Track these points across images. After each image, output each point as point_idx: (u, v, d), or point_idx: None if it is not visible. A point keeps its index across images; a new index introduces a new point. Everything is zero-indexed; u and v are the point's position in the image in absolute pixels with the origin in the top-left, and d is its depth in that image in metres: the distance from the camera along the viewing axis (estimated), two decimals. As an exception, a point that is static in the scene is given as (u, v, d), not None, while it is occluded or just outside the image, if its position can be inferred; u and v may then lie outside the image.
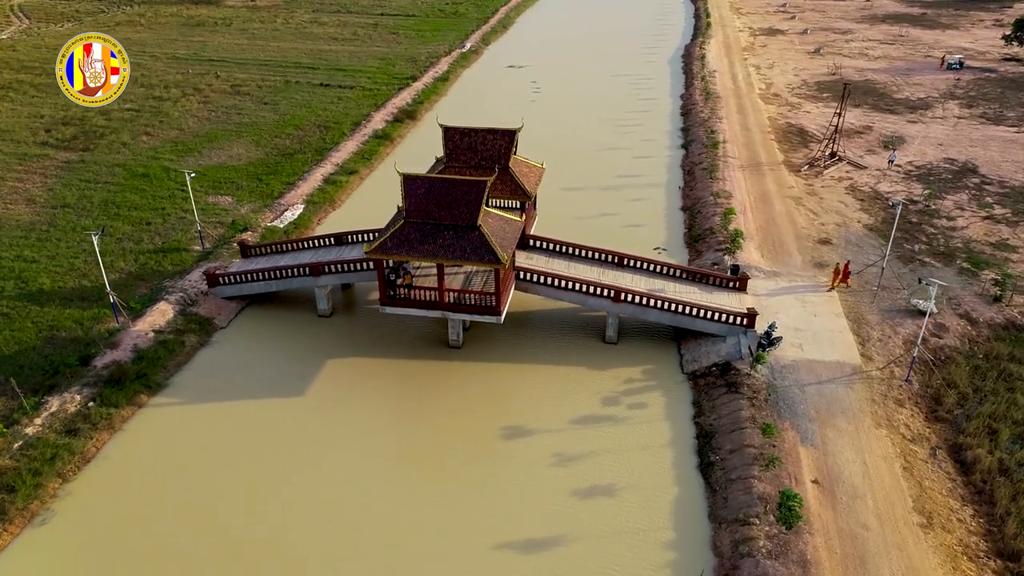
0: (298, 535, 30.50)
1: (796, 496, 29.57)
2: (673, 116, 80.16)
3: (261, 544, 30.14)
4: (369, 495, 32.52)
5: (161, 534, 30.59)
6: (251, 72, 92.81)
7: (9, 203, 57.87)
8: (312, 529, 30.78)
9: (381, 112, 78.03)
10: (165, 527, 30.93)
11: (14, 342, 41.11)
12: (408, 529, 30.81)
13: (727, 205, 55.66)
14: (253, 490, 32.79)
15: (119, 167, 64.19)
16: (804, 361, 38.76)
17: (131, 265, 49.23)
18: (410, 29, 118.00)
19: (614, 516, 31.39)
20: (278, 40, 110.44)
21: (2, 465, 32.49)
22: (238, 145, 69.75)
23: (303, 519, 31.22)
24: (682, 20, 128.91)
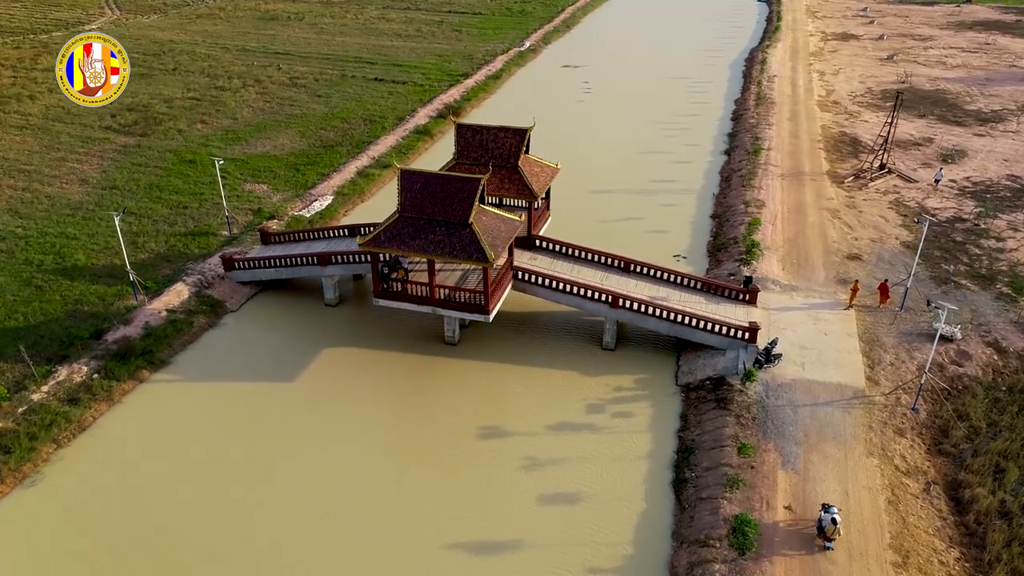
0: (272, 516, 31.20)
1: (751, 521, 28.26)
2: (723, 121, 77.91)
3: (239, 521, 30.98)
4: (336, 481, 32.97)
5: (143, 506, 31.78)
6: (311, 65, 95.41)
7: (65, 183, 61.36)
8: (285, 510, 31.42)
9: (426, 108, 78.88)
10: (148, 499, 32.12)
11: (40, 313, 43.58)
12: (366, 518, 31.09)
13: (756, 215, 53.66)
14: (237, 469, 33.76)
15: (170, 153, 67.09)
16: (803, 381, 36.99)
17: (161, 246, 51.40)
18: (473, 27, 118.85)
19: (575, 525, 30.79)
20: (344, 35, 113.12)
21: (3, 427, 34.52)
22: (284, 136, 71.83)
23: (279, 500, 31.95)
24: (753, 23, 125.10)
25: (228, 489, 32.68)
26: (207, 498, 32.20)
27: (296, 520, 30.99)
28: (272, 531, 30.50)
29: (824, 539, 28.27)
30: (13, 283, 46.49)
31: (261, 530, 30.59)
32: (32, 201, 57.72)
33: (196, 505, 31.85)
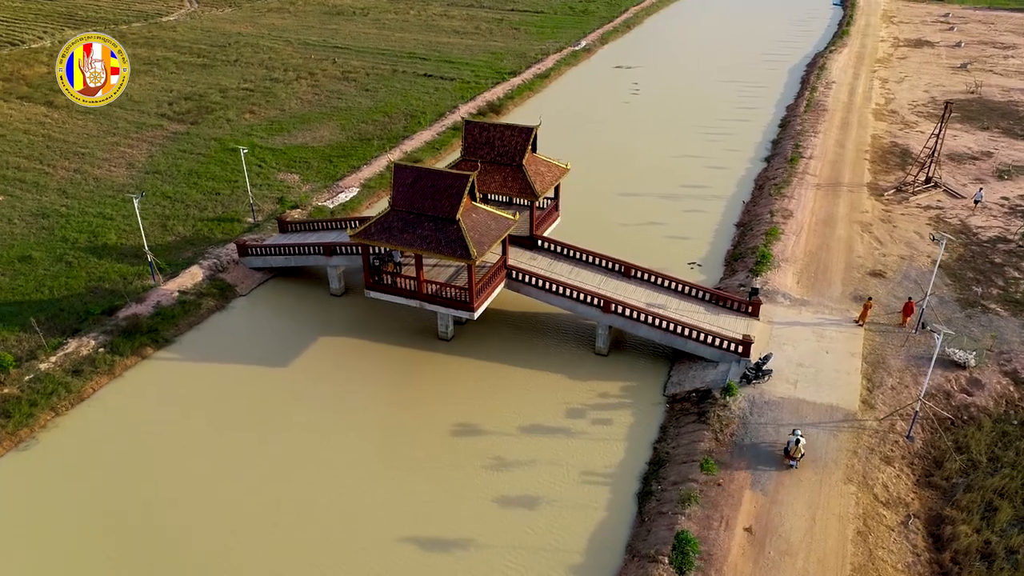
0: (241, 492, 32.08)
1: (692, 541, 27.24)
2: (770, 127, 75.41)
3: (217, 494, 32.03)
4: (304, 465, 33.57)
5: (129, 475, 33.18)
6: (365, 60, 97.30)
7: (113, 166, 64.54)
8: (253, 489, 32.23)
9: (468, 105, 79.28)
10: (134, 470, 33.49)
11: (65, 288, 45.99)
12: (324, 503, 31.53)
13: (778, 225, 51.74)
14: (221, 445, 34.91)
15: (215, 140, 69.63)
16: (792, 399, 35.47)
17: (188, 230, 53.44)
18: (533, 25, 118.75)
19: (530, 529, 30.46)
20: (404, 31, 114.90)
21: (8, 393, 36.60)
22: (325, 128, 73.53)
23: (250, 479, 32.83)
24: (823, 27, 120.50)
25: (210, 464, 33.78)
26: (190, 471, 33.34)
27: (259, 499, 31.72)
28: (240, 505, 31.31)
29: (788, 458, 31.56)
30: (47, 258, 49.21)
31: (233, 503, 31.44)
32: (80, 182, 60.95)
33: (180, 477, 32.99)
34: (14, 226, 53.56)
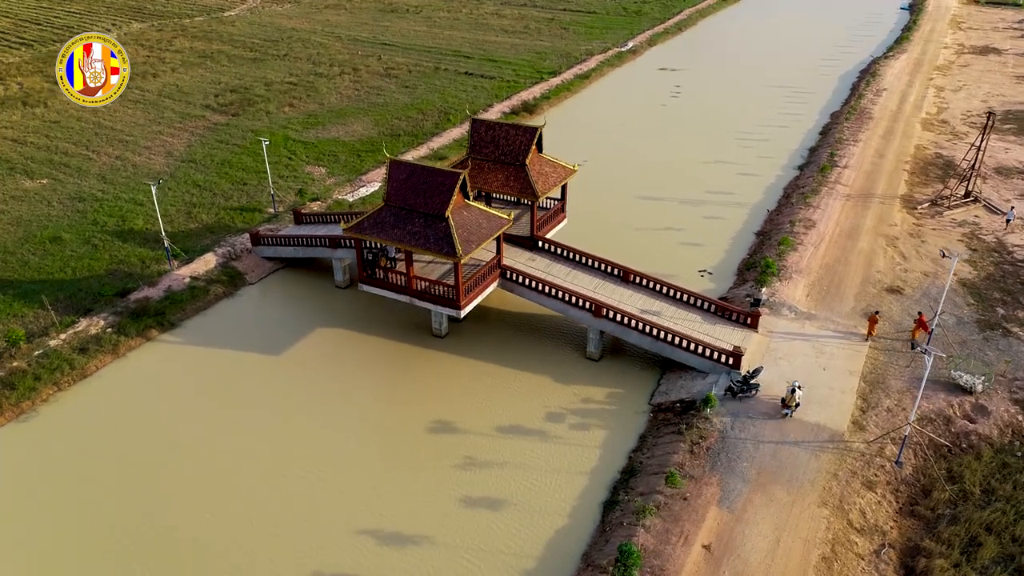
0: (225, 471, 32.96)
1: (634, 553, 26.52)
2: (810, 135, 72.99)
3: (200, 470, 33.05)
4: (278, 450, 34.18)
5: (120, 450, 34.45)
6: (410, 57, 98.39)
7: (152, 154, 67.02)
8: (232, 467, 33.07)
9: (502, 104, 79.32)
10: (126, 444, 34.77)
11: (87, 269, 48.03)
12: (287, 490, 32.02)
13: (795, 235, 50.04)
14: (209, 426, 35.99)
15: (251, 132, 71.52)
16: (778, 416, 34.19)
17: (211, 218, 55.08)
18: (583, 25, 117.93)
19: (489, 530, 30.27)
20: (454, 29, 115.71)
21: (16, 367, 38.42)
22: (360, 123, 74.70)
23: (233, 459, 33.73)
24: (885, 32, 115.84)
25: (195, 441, 34.93)
26: (179, 449, 34.47)
27: (234, 478, 32.47)
28: (219, 481, 32.13)
29: (784, 406, 34.11)
30: (76, 240, 51.47)
31: (214, 478, 32.30)
32: (120, 168, 63.51)
33: (168, 454, 34.16)
34: (52, 208, 56.18)
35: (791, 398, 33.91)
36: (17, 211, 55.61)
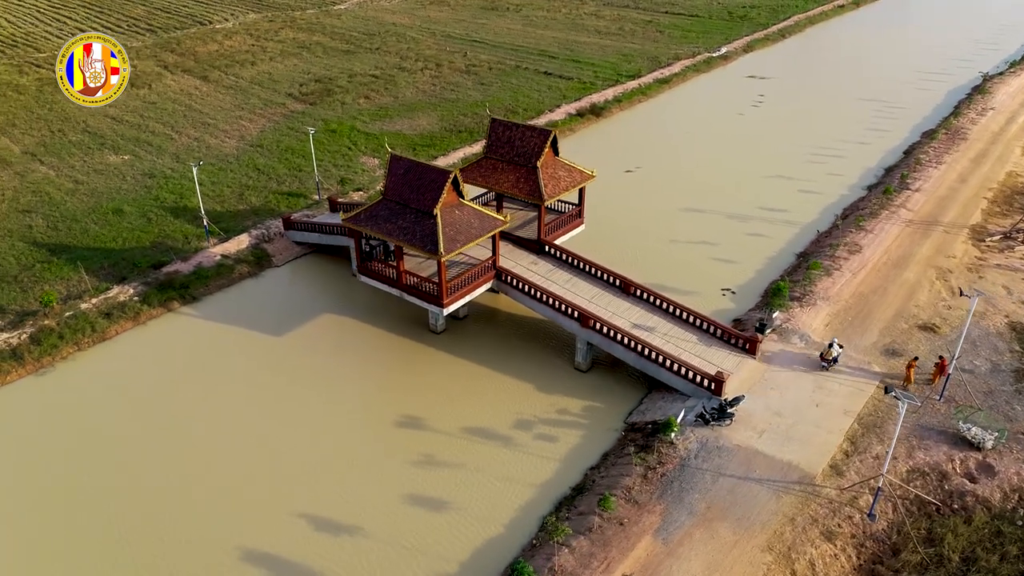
0: (199, 438, 34.82)
1: (528, 572, 25.54)
2: (892, 153, 67.75)
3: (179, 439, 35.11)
4: (247, 425, 35.56)
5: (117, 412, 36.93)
6: (495, 55, 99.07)
7: (228, 137, 71.04)
8: (208, 437, 34.84)
9: (570, 105, 78.45)
10: (123, 408, 37.22)
11: (135, 241, 51.61)
12: (244, 468, 33.27)
13: (833, 259, 46.68)
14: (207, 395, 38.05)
15: (321, 121, 74.36)
16: (748, 449, 32.14)
17: (260, 201, 57.81)
18: (680, 29, 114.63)
19: (423, 530, 30.25)
20: (548, 28, 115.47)
21: (46, 325, 41.87)
22: (426, 117, 76.04)
23: (213, 429, 35.57)
24: (1015, 46, 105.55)
25: (180, 410, 37.03)
26: (164, 414, 36.69)
27: (193, 449, 34.09)
28: (177, 448, 33.92)
29: (822, 359, 36.80)
30: (134, 213, 55.40)
31: (180, 445, 34.16)
32: (195, 149, 67.73)
33: (155, 417, 36.47)
34: (124, 183, 60.71)
35: (828, 352, 36.57)
36: (95, 183, 60.48)
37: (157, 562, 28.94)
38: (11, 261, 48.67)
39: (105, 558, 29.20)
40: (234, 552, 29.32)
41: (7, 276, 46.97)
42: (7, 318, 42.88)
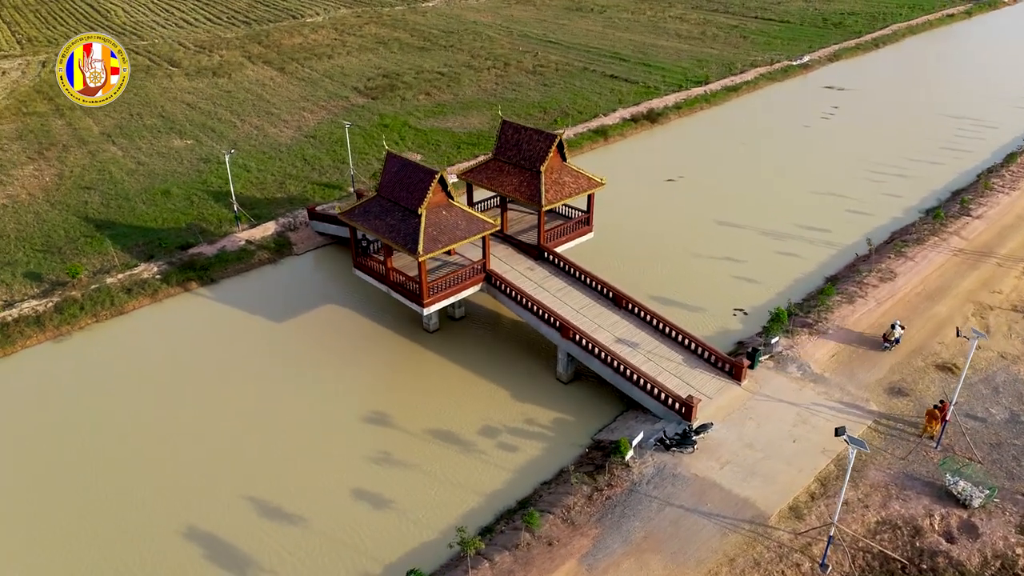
0: (179, 416, 36.44)
1: None
2: (964, 175, 62.53)
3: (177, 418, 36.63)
4: (222, 406, 36.70)
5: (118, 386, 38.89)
6: (565, 56, 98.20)
7: (286, 127, 73.66)
8: (188, 414, 36.37)
9: (625, 110, 76.71)
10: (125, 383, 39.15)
11: (173, 221, 54.31)
12: (210, 449, 34.34)
13: (861, 285, 43.56)
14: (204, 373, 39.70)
15: (377, 116, 75.91)
16: (705, 481, 30.42)
17: (297, 190, 59.64)
18: (766, 35, 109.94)
19: (361, 527, 30.36)
20: (627, 31, 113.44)
21: (71, 296, 44.69)
22: (479, 116, 76.22)
23: (201, 406, 37.10)
24: None
25: (181, 386, 38.73)
26: (164, 390, 38.38)
27: (168, 424, 35.55)
28: (157, 422, 35.54)
29: (884, 340, 38.26)
30: (180, 196, 58.31)
31: (162, 419, 35.79)
32: (253, 137, 70.61)
33: (154, 393, 38.23)
34: (180, 166, 64.02)
35: (891, 332, 37.88)
36: (154, 165, 64.08)
37: (83, 532, 30.30)
38: (60, 234, 52.21)
39: (70, 513, 30.89)
40: (179, 525, 30.36)
41: (53, 247, 50.43)
42: (42, 287, 46.03)
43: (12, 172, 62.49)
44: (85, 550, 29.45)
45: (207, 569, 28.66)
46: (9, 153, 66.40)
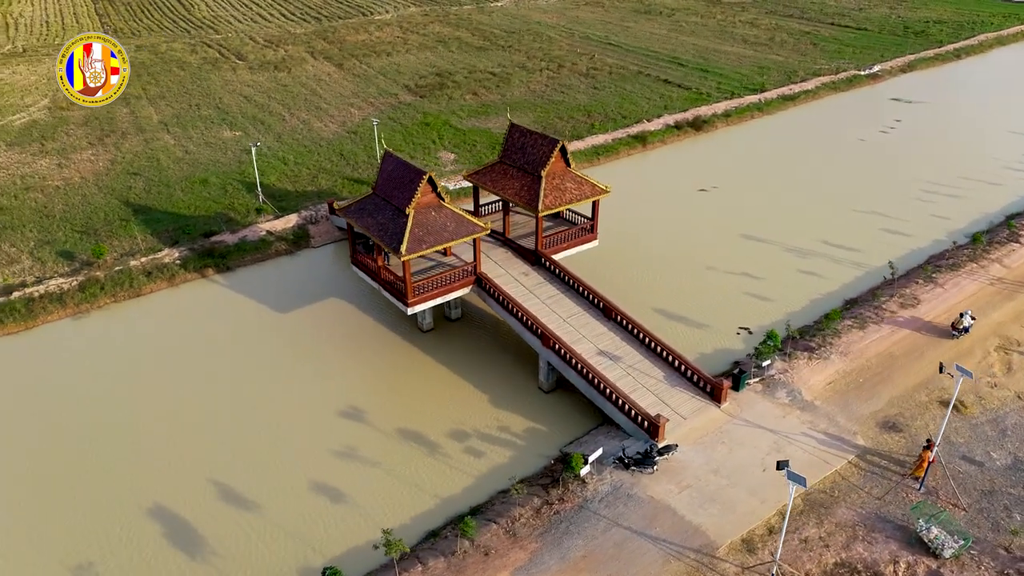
0: (170, 395, 37.92)
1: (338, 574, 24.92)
2: None
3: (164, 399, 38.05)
4: (209, 391, 37.85)
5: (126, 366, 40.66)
6: (622, 59, 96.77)
7: (331, 122, 75.35)
8: (173, 394, 37.80)
9: (670, 117, 74.80)
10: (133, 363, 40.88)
11: (203, 209, 56.38)
12: (185, 430, 35.46)
13: (877, 310, 41.15)
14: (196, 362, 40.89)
15: (420, 114, 76.70)
16: (659, 504, 29.35)
17: (328, 184, 60.91)
18: (839, 42, 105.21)
19: (311, 518, 30.80)
20: (692, 35, 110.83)
21: (95, 276, 47.03)
22: (522, 117, 75.54)
23: (178, 387, 38.51)
24: None
25: (177, 369, 40.18)
26: (161, 372, 39.89)
27: (153, 405, 36.93)
28: (150, 402, 37.02)
29: (953, 328, 39.25)
30: (216, 185, 60.49)
31: (157, 400, 37.28)
32: (298, 131, 72.56)
33: (153, 374, 39.81)
34: (224, 156, 66.43)
35: (960, 321, 38.82)
36: (200, 155, 66.71)
37: (57, 498, 31.76)
38: (100, 216, 55.02)
39: (47, 480, 32.58)
40: (146, 500, 31.47)
41: (90, 228, 53.21)
42: (72, 265, 48.64)
43: (72, 156, 66.26)
44: (57, 515, 30.91)
45: (158, 543, 29.59)
46: (73, 138, 70.44)
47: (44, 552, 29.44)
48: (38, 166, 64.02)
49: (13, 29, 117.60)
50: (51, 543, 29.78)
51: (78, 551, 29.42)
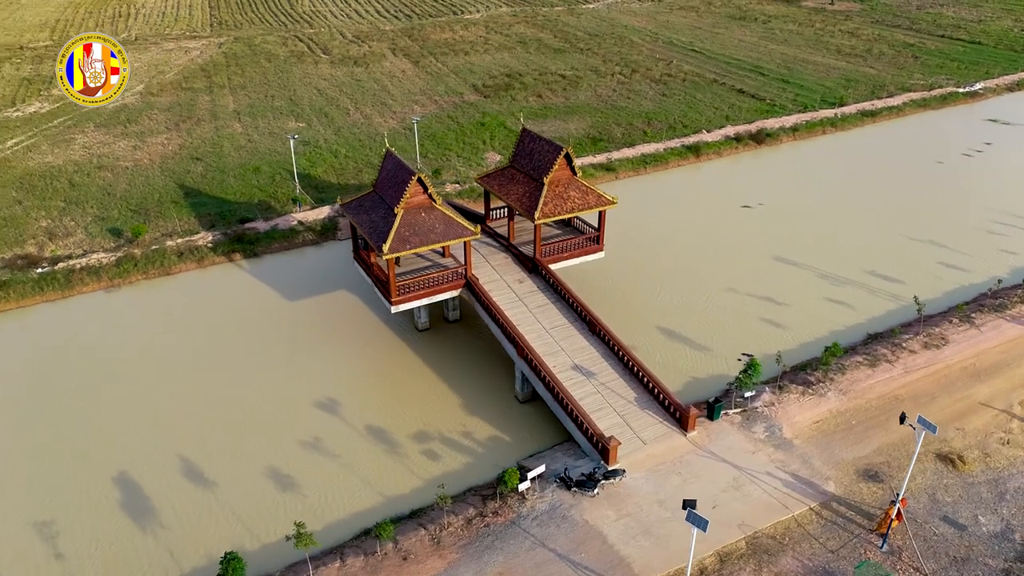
0: (166, 372, 40.05)
1: (239, 561, 25.14)
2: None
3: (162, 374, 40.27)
4: (202, 373, 39.52)
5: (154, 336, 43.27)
6: (699, 66, 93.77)
7: (391, 118, 76.85)
8: (168, 372, 39.86)
9: (734, 127, 71.87)
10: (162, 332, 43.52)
11: (248, 196, 58.93)
12: (166, 409, 37.16)
13: (894, 348, 38.03)
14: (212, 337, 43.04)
15: (479, 113, 77.10)
16: (592, 530, 28.25)
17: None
18: (944, 56, 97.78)
19: (257, 501, 31.73)
20: (783, 43, 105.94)
21: (132, 253, 50.05)
22: (579, 121, 75.05)
23: (201, 370, 40.54)
24: None
25: (184, 347, 42.23)
26: (168, 348, 42.20)
27: (144, 381, 38.94)
28: (148, 382, 39.16)
29: None
30: (266, 174, 63.05)
31: (155, 379, 39.48)
32: (357, 125, 74.59)
33: (161, 348, 42.17)
34: (283, 146, 69.02)
35: None
36: (262, 144, 69.74)
37: (42, 454, 33.96)
38: (155, 197, 58.54)
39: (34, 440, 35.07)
40: (112, 469, 33.25)
41: (142, 208, 56.71)
42: (117, 241, 52.01)
43: (147, 139, 70.80)
44: (38, 470, 33.22)
45: (113, 511, 31.21)
46: (153, 123, 75.25)
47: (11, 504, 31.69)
48: (116, 147, 68.78)
49: (132, 19, 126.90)
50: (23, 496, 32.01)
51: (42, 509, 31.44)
